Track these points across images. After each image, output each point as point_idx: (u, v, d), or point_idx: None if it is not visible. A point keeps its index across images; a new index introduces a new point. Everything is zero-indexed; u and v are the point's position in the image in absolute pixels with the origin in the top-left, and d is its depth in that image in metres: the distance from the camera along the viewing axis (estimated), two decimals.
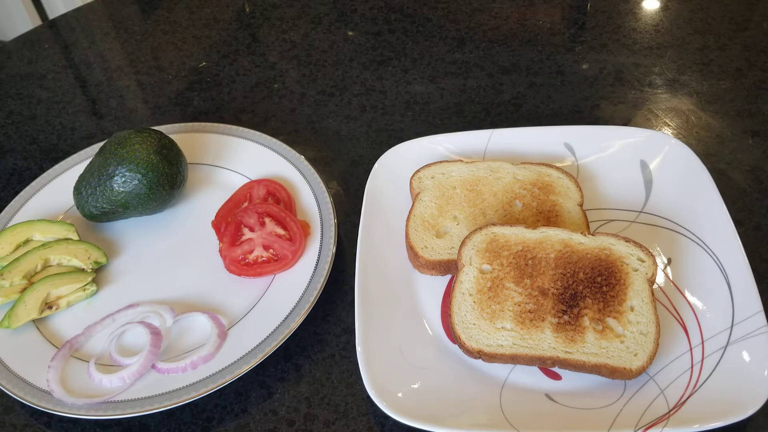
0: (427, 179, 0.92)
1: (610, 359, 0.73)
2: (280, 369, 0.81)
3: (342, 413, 0.77)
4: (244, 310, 0.84)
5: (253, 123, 1.12)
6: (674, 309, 0.80)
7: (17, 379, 0.78)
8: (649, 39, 1.20)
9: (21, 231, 0.92)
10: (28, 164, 1.10)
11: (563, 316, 0.76)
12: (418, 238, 0.86)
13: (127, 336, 0.83)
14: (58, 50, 1.32)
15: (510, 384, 0.75)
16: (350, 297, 0.87)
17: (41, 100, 1.21)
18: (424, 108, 1.12)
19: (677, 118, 1.06)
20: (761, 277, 0.81)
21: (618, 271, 0.78)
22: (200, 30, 1.32)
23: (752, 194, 0.94)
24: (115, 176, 0.89)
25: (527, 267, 0.80)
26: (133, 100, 1.20)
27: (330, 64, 1.22)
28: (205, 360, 0.79)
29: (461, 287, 0.79)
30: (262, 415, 0.78)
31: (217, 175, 1.01)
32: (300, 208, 0.94)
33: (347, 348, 0.82)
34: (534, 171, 0.92)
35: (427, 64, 1.19)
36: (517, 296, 0.78)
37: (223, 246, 0.89)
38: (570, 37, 1.23)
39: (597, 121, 1.06)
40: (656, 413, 0.70)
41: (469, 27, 1.26)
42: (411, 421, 0.70)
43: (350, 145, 1.07)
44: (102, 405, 0.76)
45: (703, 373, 0.73)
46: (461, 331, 0.76)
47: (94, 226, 0.96)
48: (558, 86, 1.13)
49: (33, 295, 0.85)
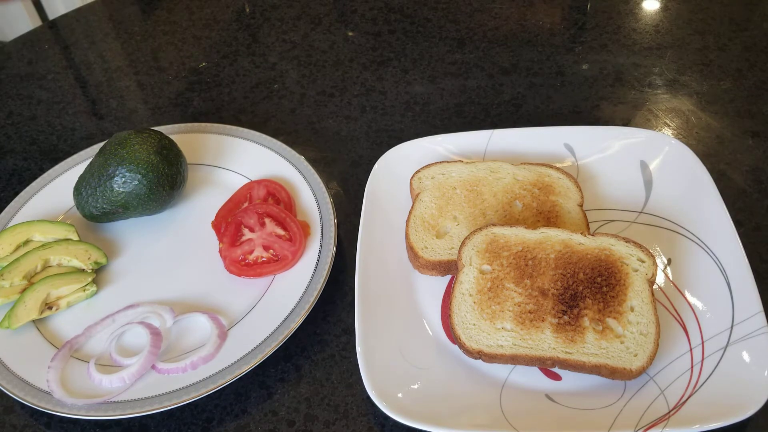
0: (427, 180, 0.92)
1: (610, 360, 0.73)
2: (280, 369, 0.81)
3: (342, 414, 0.77)
4: (244, 310, 0.84)
5: (253, 123, 1.12)
6: (674, 309, 0.80)
7: (17, 379, 0.78)
8: (649, 39, 1.20)
9: (21, 231, 0.92)
10: (28, 165, 1.10)
11: (563, 316, 0.76)
12: (418, 238, 0.86)
13: (127, 336, 0.83)
14: (58, 51, 1.32)
15: (510, 384, 0.75)
16: (350, 297, 0.87)
17: (41, 100, 1.21)
18: (424, 108, 1.12)
19: (677, 119, 1.06)
20: (761, 277, 0.81)
21: (618, 272, 0.78)
22: (200, 30, 1.32)
23: (752, 194, 0.94)
24: (115, 177, 0.89)
25: (527, 267, 0.79)
26: (133, 100, 1.20)
27: (330, 64, 1.22)
28: (205, 360, 0.79)
29: (461, 287, 0.79)
30: (262, 416, 0.78)
31: (217, 176, 1.01)
32: (300, 208, 0.94)
33: (347, 348, 0.82)
34: (534, 171, 0.92)
35: (427, 65, 1.19)
36: (517, 297, 0.78)
37: (223, 246, 0.89)
38: (570, 37, 1.23)
39: (597, 122, 1.06)
40: (656, 414, 0.70)
41: (469, 27, 1.26)
42: (411, 421, 0.70)
43: (350, 146, 1.07)
44: (102, 405, 0.76)
45: (703, 373, 0.73)
46: (461, 332, 0.76)
47: (94, 227, 0.96)
48: (558, 87, 1.13)
49: (33, 295, 0.85)
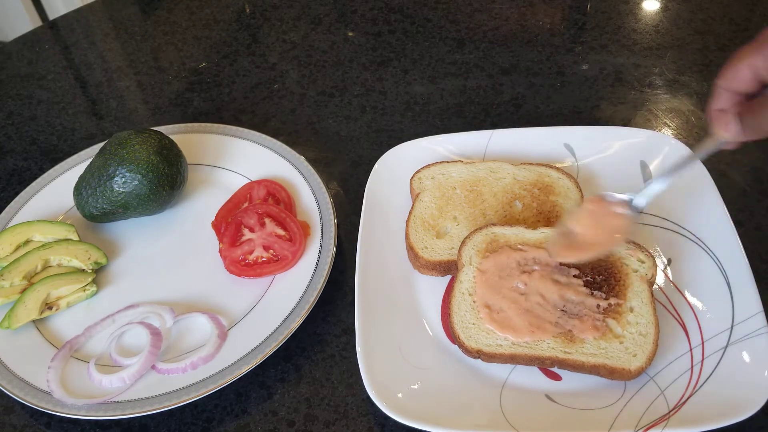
0: (427, 180, 0.92)
1: (609, 360, 0.73)
2: (280, 369, 0.81)
3: (342, 414, 0.77)
4: (244, 310, 0.84)
5: (253, 123, 1.12)
6: (674, 309, 0.80)
7: (17, 379, 0.78)
8: (649, 39, 1.20)
9: (21, 231, 0.92)
10: (28, 165, 1.10)
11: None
12: (418, 238, 0.86)
13: (127, 336, 0.83)
14: (59, 51, 1.32)
15: (510, 384, 0.75)
16: (350, 297, 0.87)
17: (41, 100, 1.21)
18: (424, 108, 1.12)
19: (677, 119, 1.06)
20: (761, 277, 0.81)
21: (618, 272, 0.78)
22: (200, 30, 1.32)
23: (752, 194, 0.94)
24: (115, 177, 0.89)
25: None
26: (133, 100, 1.20)
27: (330, 64, 1.22)
28: (205, 360, 0.79)
29: (461, 287, 0.79)
30: (262, 416, 0.78)
31: (217, 176, 1.01)
32: (300, 208, 0.94)
33: (347, 348, 0.82)
34: (534, 171, 0.92)
35: (427, 65, 1.19)
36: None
37: (223, 246, 0.89)
38: (570, 37, 1.23)
39: (597, 122, 1.06)
40: (656, 414, 0.70)
41: (469, 28, 1.26)
42: (411, 421, 0.70)
43: (350, 146, 1.07)
44: (102, 405, 0.76)
45: (703, 373, 0.73)
46: (461, 331, 0.76)
47: (94, 227, 0.96)
48: (558, 87, 1.13)
49: (33, 295, 0.85)
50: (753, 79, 0.63)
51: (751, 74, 0.63)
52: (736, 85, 0.64)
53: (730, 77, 0.64)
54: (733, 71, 0.64)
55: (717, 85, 0.66)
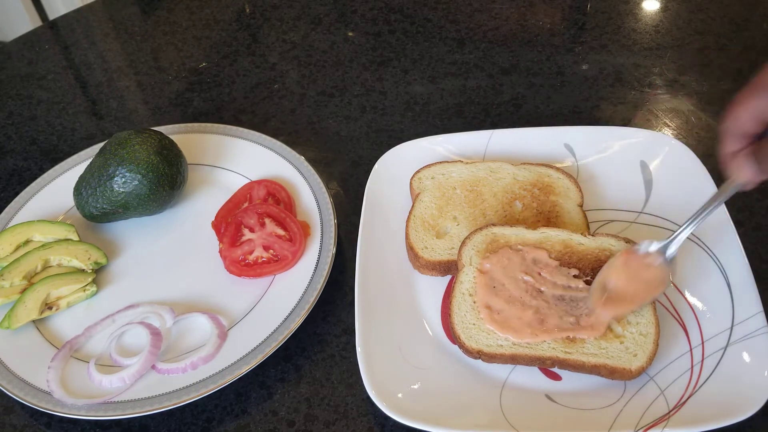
0: (427, 180, 0.92)
1: (609, 360, 0.73)
2: (280, 369, 0.81)
3: (342, 414, 0.77)
4: (244, 310, 0.84)
5: (253, 123, 1.12)
6: (674, 309, 0.80)
7: (17, 379, 0.78)
8: (649, 40, 1.20)
9: (21, 231, 0.92)
10: (28, 165, 1.10)
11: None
12: (418, 238, 0.86)
13: (127, 336, 0.83)
14: (59, 51, 1.32)
15: (510, 384, 0.75)
16: (350, 297, 0.87)
17: (41, 100, 1.21)
18: (424, 109, 1.12)
19: (677, 119, 1.06)
20: (761, 277, 0.81)
21: None
22: (200, 30, 1.32)
23: (752, 194, 0.94)
24: (115, 177, 0.89)
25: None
26: (133, 100, 1.20)
27: (330, 64, 1.22)
28: (206, 360, 0.79)
29: (461, 287, 0.79)
30: (262, 416, 0.78)
31: (217, 176, 1.01)
32: (300, 208, 0.94)
33: (347, 348, 0.82)
34: (534, 172, 0.92)
35: (427, 65, 1.19)
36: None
37: (223, 247, 0.89)
38: (570, 37, 1.23)
39: (597, 122, 1.06)
40: (656, 414, 0.70)
41: (468, 28, 1.26)
42: (411, 421, 0.70)
43: (350, 146, 1.07)
44: (102, 405, 0.76)
45: (703, 373, 0.73)
46: (461, 331, 0.76)
47: (94, 227, 0.96)
48: (558, 87, 1.13)
49: (33, 295, 0.85)
50: (757, 121, 0.63)
51: (753, 117, 0.62)
52: (741, 128, 0.64)
53: (733, 122, 0.64)
54: (735, 116, 0.63)
55: (722, 130, 0.65)
